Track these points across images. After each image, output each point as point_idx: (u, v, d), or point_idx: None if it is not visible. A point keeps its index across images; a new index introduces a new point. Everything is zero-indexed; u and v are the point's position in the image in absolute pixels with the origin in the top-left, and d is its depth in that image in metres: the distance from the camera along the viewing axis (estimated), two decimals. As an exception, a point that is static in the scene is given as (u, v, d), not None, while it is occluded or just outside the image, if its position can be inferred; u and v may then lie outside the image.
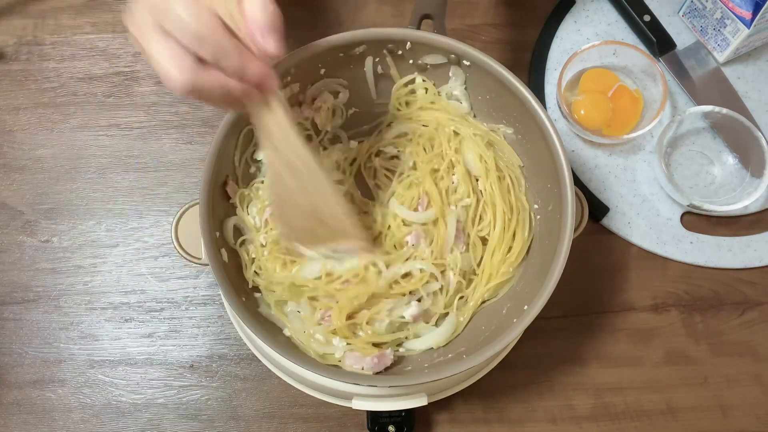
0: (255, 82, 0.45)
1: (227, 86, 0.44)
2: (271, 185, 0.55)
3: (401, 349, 0.59)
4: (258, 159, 0.63)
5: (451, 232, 0.59)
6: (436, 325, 0.60)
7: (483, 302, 0.61)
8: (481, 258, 0.61)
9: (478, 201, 0.61)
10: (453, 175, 0.62)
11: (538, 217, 0.61)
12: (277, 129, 0.50)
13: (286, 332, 0.58)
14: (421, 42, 0.61)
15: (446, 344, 0.59)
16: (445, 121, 0.63)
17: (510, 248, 0.60)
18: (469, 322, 0.60)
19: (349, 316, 0.57)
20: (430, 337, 0.59)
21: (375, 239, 0.60)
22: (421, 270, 0.58)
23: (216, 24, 0.42)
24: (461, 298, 0.60)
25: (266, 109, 0.49)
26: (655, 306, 0.69)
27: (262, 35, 0.44)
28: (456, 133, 0.63)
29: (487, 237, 0.61)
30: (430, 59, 0.63)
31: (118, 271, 0.70)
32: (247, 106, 0.49)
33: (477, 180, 0.62)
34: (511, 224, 0.60)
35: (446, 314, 0.60)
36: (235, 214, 0.61)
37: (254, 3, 0.43)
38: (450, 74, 0.63)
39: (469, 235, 0.61)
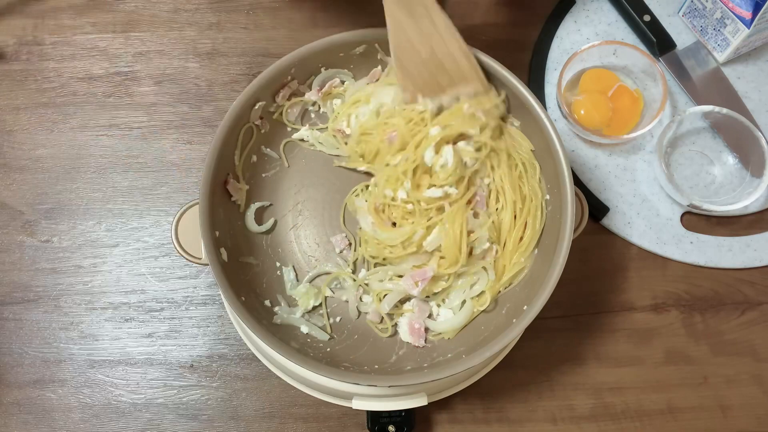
0: None
1: None
2: (392, 36, 0.56)
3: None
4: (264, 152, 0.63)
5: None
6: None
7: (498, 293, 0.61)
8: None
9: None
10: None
11: (549, 207, 0.60)
12: None
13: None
14: (422, 42, 0.61)
15: (454, 335, 0.60)
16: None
17: (521, 238, 0.60)
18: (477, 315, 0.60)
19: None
20: (446, 322, 0.59)
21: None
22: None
23: None
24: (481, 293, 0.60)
25: None
26: (655, 306, 0.69)
27: None
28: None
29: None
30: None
31: (118, 271, 0.70)
32: None
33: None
34: (522, 213, 0.60)
35: (464, 302, 0.60)
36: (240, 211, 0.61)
37: None
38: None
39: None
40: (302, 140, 0.65)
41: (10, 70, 0.76)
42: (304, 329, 0.59)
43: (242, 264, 0.60)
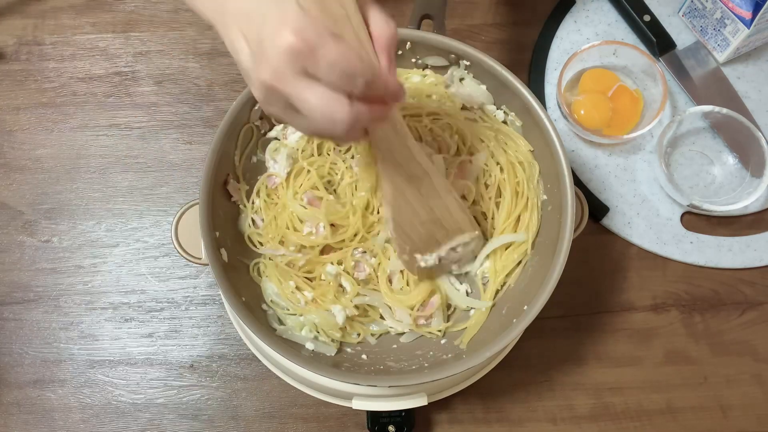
0: (392, 97, 0.44)
1: (372, 112, 0.42)
2: (391, 203, 0.55)
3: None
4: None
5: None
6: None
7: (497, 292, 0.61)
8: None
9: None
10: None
11: (549, 207, 0.60)
12: (398, 143, 0.51)
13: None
14: (421, 42, 0.61)
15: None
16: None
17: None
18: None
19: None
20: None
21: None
22: None
23: (359, 55, 0.40)
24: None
25: (389, 125, 0.50)
26: (655, 306, 0.69)
27: (388, 50, 0.44)
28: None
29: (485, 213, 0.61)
30: (431, 60, 0.63)
31: (118, 271, 0.70)
32: (372, 129, 0.49)
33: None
34: (517, 208, 0.60)
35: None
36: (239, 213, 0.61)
37: (378, 22, 0.43)
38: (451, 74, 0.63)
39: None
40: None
41: (10, 70, 0.76)
42: (310, 346, 0.58)
43: (242, 264, 0.60)
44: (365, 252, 0.60)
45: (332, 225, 0.59)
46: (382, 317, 0.60)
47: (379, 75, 0.42)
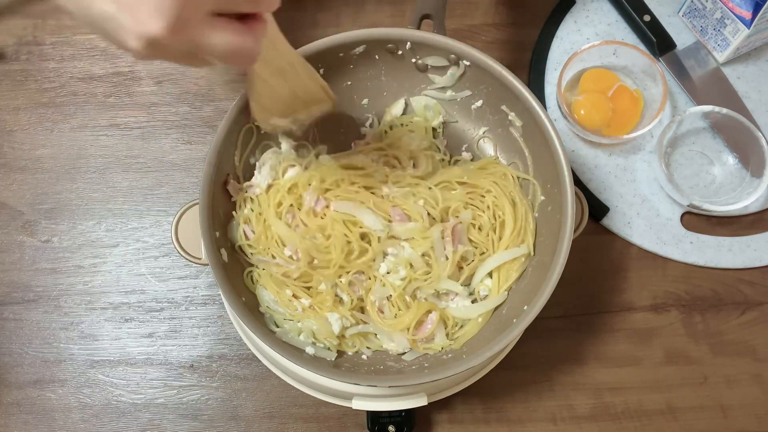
0: (266, 7, 0.43)
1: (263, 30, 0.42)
2: (252, 86, 0.54)
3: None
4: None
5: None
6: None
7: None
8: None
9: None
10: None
11: (549, 208, 0.60)
12: (270, 45, 0.50)
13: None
14: (421, 42, 0.61)
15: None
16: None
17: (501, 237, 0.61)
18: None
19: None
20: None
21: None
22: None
23: None
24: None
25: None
26: (655, 306, 0.69)
27: None
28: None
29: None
30: (431, 61, 0.63)
31: (118, 271, 0.70)
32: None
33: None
34: (518, 221, 0.60)
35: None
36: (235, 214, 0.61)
37: None
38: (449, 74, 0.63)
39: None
40: None
41: (10, 70, 0.76)
42: (310, 350, 0.58)
43: (242, 265, 0.60)
44: (362, 272, 0.59)
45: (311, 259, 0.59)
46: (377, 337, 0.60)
47: None
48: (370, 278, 0.59)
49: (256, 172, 0.62)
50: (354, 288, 0.59)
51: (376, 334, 0.60)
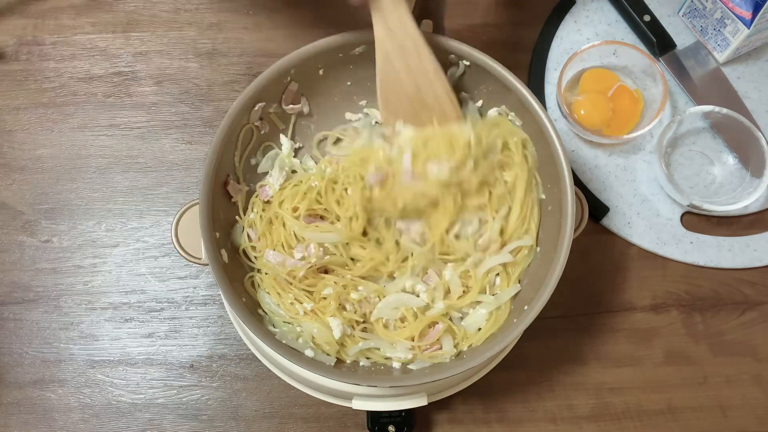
0: None
1: None
2: (379, 68, 0.56)
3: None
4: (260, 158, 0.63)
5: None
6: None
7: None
8: None
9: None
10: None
11: (549, 207, 0.60)
12: (394, 8, 0.54)
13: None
14: (421, 42, 0.61)
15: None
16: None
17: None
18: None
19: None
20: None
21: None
22: None
23: None
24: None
25: None
26: (655, 306, 0.69)
27: None
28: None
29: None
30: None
31: (118, 271, 0.70)
32: None
33: None
34: (525, 206, 0.60)
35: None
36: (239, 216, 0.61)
37: None
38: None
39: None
40: None
41: (10, 70, 0.76)
42: (309, 353, 0.57)
43: (242, 265, 0.60)
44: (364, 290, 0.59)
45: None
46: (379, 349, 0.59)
47: None
48: (378, 297, 0.59)
49: (268, 177, 0.62)
50: (361, 304, 0.59)
51: (378, 348, 0.59)
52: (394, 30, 0.55)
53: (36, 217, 0.71)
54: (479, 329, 0.59)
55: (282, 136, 0.64)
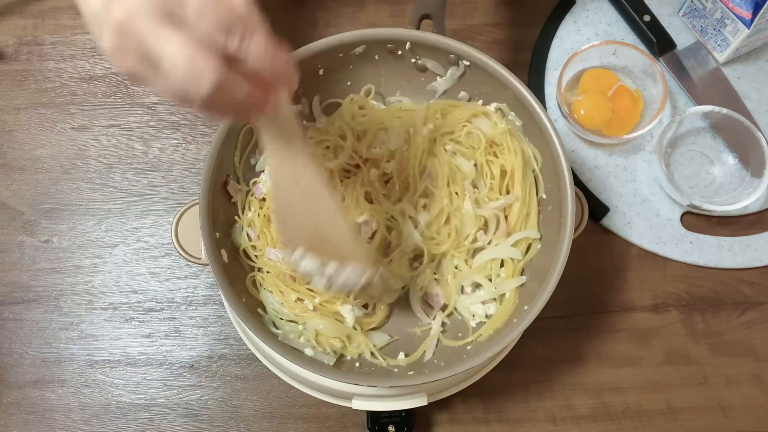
0: (279, 74, 0.39)
1: (247, 88, 0.37)
2: (273, 195, 0.52)
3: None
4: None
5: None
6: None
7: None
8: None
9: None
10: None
11: (549, 207, 0.60)
12: (286, 139, 0.47)
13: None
14: (421, 42, 0.61)
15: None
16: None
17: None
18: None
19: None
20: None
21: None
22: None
23: (240, 3, 0.36)
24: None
25: (277, 117, 0.45)
26: (655, 306, 0.69)
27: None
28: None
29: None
30: (431, 61, 0.63)
31: (118, 271, 0.70)
32: (256, 115, 0.44)
33: None
34: (527, 198, 0.61)
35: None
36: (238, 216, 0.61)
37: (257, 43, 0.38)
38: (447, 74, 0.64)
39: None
40: None
41: (10, 70, 0.76)
42: (309, 352, 0.58)
43: (243, 265, 0.60)
44: None
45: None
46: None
47: (261, 34, 0.37)
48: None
49: (262, 174, 0.62)
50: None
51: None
52: (286, 158, 0.48)
53: (36, 217, 0.71)
54: (482, 322, 0.59)
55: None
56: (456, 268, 0.61)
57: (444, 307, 0.60)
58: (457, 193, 0.61)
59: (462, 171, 0.61)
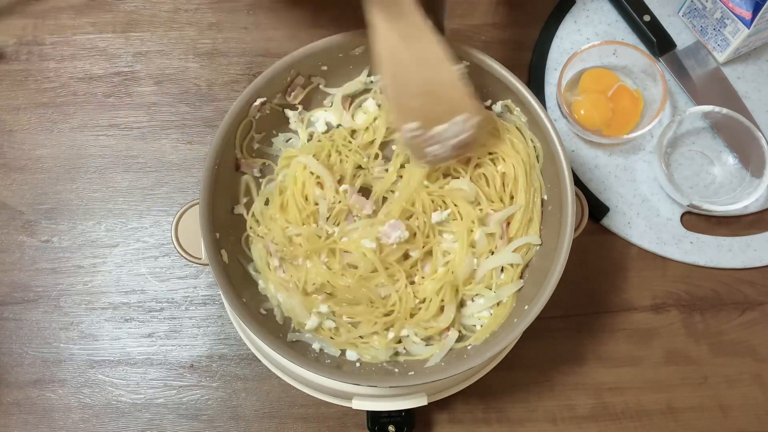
0: None
1: None
2: (384, 63, 0.53)
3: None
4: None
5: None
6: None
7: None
8: None
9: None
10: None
11: (550, 207, 0.60)
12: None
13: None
14: (421, 42, 0.61)
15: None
16: None
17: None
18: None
19: None
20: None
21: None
22: None
23: None
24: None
25: None
26: (655, 306, 0.69)
27: None
28: None
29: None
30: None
31: (118, 271, 0.70)
32: None
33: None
34: (529, 204, 0.60)
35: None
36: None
37: None
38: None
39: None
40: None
41: (10, 70, 0.76)
42: (316, 346, 0.58)
43: (242, 265, 0.60)
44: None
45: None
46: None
47: None
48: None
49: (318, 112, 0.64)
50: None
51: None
52: (396, 16, 0.51)
53: (36, 217, 0.71)
54: (480, 325, 0.59)
55: (288, 111, 0.64)
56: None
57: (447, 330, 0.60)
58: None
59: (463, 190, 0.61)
